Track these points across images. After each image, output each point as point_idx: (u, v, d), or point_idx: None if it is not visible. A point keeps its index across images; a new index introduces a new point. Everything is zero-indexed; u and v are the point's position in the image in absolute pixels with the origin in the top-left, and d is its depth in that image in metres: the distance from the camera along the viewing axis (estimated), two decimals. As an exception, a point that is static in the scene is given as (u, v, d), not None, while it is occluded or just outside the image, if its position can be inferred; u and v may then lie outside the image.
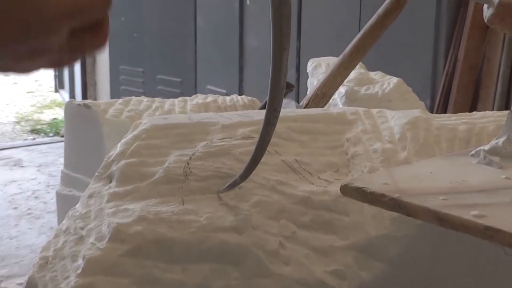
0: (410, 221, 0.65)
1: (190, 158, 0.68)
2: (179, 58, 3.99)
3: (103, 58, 5.05)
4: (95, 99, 5.08)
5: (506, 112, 0.84)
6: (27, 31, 0.44)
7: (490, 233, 0.45)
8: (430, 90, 2.39)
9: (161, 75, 4.18)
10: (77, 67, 5.48)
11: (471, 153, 0.63)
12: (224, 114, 0.77)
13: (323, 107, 1.00)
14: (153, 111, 0.97)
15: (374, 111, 0.79)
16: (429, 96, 2.38)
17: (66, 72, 6.06)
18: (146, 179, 0.70)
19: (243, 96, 1.10)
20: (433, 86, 2.39)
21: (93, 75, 5.38)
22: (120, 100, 1.00)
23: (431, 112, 2.23)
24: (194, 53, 3.80)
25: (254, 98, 1.10)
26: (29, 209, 3.01)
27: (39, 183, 3.45)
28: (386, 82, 1.14)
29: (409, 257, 0.67)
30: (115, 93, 4.60)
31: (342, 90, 1.10)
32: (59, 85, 6.52)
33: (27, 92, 6.95)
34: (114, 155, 0.72)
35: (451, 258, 0.69)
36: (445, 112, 2.29)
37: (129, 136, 0.73)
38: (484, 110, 1.90)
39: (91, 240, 0.64)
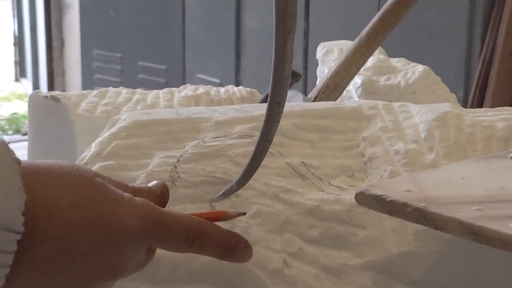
0: (438, 235, 0.65)
1: (178, 160, 0.69)
2: (164, 41, 3.99)
3: (72, 42, 5.05)
4: (64, 90, 5.09)
5: (552, 106, 0.84)
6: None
7: (531, 250, 0.45)
8: (463, 80, 2.39)
9: (143, 61, 4.19)
10: (42, 52, 5.47)
11: (510, 155, 0.64)
12: (218, 108, 0.78)
13: (335, 100, 1.00)
14: (133, 105, 0.98)
15: (396, 105, 0.80)
16: (462, 87, 2.38)
17: (28, 58, 6.06)
18: (125, 185, 0.70)
19: (240, 87, 1.10)
20: (467, 75, 2.40)
21: (61, 61, 5.38)
22: (94, 92, 1.01)
23: (464, 106, 2.24)
24: (182, 36, 3.81)
25: (254, 90, 1.11)
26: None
27: (-3, 190, 3.45)
28: (410, 71, 1.14)
29: (436, 278, 0.68)
30: (88, 84, 4.61)
31: (358, 80, 1.11)
32: (21, 74, 6.53)
33: (-18, 82, 6.95)
34: (87, 157, 0.72)
35: (486, 279, 0.70)
36: (481, 106, 2.29)
37: (105, 134, 0.74)
38: (528, 104, 1.90)
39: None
